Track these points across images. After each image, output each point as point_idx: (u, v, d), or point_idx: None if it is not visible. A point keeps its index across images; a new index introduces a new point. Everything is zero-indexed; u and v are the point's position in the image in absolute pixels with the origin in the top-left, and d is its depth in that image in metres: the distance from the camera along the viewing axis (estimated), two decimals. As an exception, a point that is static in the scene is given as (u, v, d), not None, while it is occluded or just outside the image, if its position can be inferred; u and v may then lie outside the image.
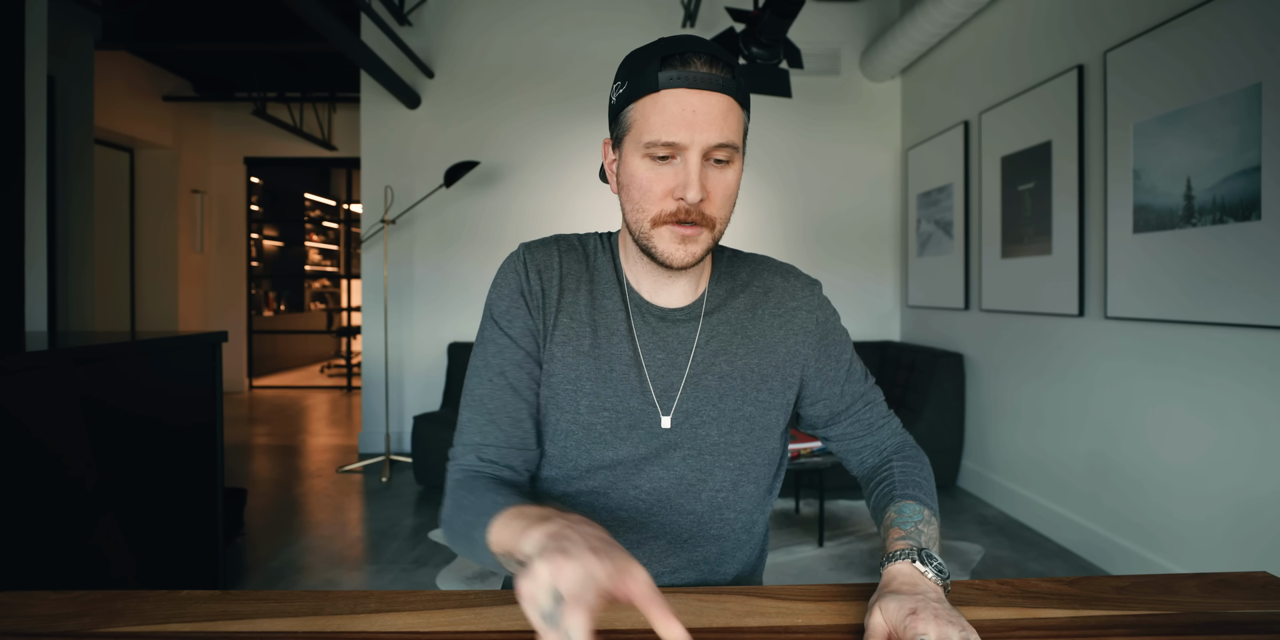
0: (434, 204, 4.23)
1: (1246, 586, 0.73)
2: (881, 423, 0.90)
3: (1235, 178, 1.94)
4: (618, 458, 0.80)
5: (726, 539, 0.83)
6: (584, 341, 0.81)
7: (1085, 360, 2.60)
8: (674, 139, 0.71)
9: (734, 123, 0.73)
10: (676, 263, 0.75)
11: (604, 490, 0.81)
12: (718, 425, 0.81)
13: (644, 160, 0.74)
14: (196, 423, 1.99)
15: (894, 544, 0.71)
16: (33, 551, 1.44)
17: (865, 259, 4.33)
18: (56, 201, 3.56)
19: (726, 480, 0.82)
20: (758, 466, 0.84)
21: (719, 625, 0.65)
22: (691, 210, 0.73)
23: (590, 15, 4.21)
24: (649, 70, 0.73)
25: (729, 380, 0.81)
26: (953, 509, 3.17)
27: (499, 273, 0.84)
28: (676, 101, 0.71)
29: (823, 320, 0.87)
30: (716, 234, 0.76)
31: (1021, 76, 3.01)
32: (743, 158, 0.77)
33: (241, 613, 0.67)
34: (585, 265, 0.85)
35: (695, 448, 0.80)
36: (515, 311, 0.82)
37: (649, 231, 0.75)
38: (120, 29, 4.42)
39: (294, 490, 3.49)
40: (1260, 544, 1.90)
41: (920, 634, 0.58)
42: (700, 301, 0.83)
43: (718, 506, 0.82)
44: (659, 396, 0.80)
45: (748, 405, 0.82)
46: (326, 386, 7.32)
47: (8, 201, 2.42)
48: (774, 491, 0.90)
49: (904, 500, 0.78)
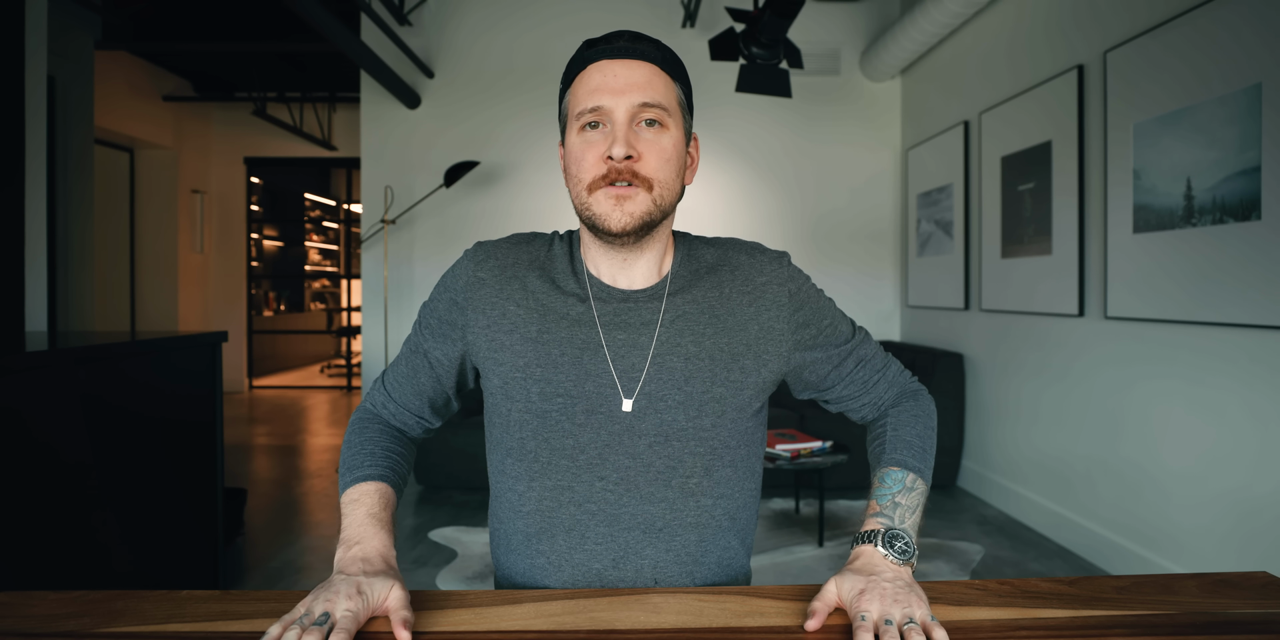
0: (434, 204, 4.23)
1: (1246, 586, 0.73)
2: (876, 379, 0.89)
3: (1235, 178, 1.94)
4: (578, 445, 0.78)
5: (706, 527, 0.81)
6: (531, 327, 0.80)
7: (1085, 360, 2.60)
8: (598, 103, 0.74)
9: (660, 87, 0.75)
10: (615, 225, 0.74)
11: (569, 484, 0.79)
12: (684, 409, 0.78)
13: (578, 134, 0.76)
14: (196, 422, 1.99)
15: (866, 522, 0.77)
16: (33, 551, 1.44)
17: (865, 259, 4.33)
18: (56, 201, 3.56)
19: (698, 466, 0.79)
20: (731, 449, 0.82)
21: (719, 625, 0.65)
22: (623, 170, 0.73)
23: (591, 16, 4.22)
24: (574, 59, 0.78)
25: (696, 361, 0.79)
26: (953, 509, 3.17)
27: (449, 267, 0.87)
28: (599, 71, 0.75)
29: (795, 291, 0.85)
30: (656, 197, 0.75)
31: (1021, 77, 3.01)
32: (684, 124, 0.78)
33: (241, 613, 0.67)
34: (540, 256, 0.85)
35: (661, 433, 0.78)
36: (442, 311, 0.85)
37: (587, 200, 0.76)
38: (120, 29, 4.42)
39: (294, 490, 3.49)
40: (1260, 544, 1.90)
41: (862, 611, 0.64)
42: (663, 282, 0.82)
43: (690, 493, 0.79)
44: (620, 378, 0.78)
45: (717, 386, 0.79)
46: (326, 386, 7.32)
47: (8, 201, 2.42)
48: (755, 474, 0.87)
49: (889, 466, 0.81)
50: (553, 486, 0.80)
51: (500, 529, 0.86)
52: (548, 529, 0.80)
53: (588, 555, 0.79)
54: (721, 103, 4.20)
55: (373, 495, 0.77)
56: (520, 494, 0.82)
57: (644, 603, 0.69)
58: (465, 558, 2.59)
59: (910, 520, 0.77)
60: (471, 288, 0.82)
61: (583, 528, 0.79)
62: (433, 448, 3.37)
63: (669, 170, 0.76)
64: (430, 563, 2.55)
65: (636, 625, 0.65)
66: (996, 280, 3.20)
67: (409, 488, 3.52)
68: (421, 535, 2.84)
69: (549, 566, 0.81)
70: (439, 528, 2.91)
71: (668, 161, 0.75)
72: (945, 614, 0.67)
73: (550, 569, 0.80)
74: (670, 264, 0.84)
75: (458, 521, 3.00)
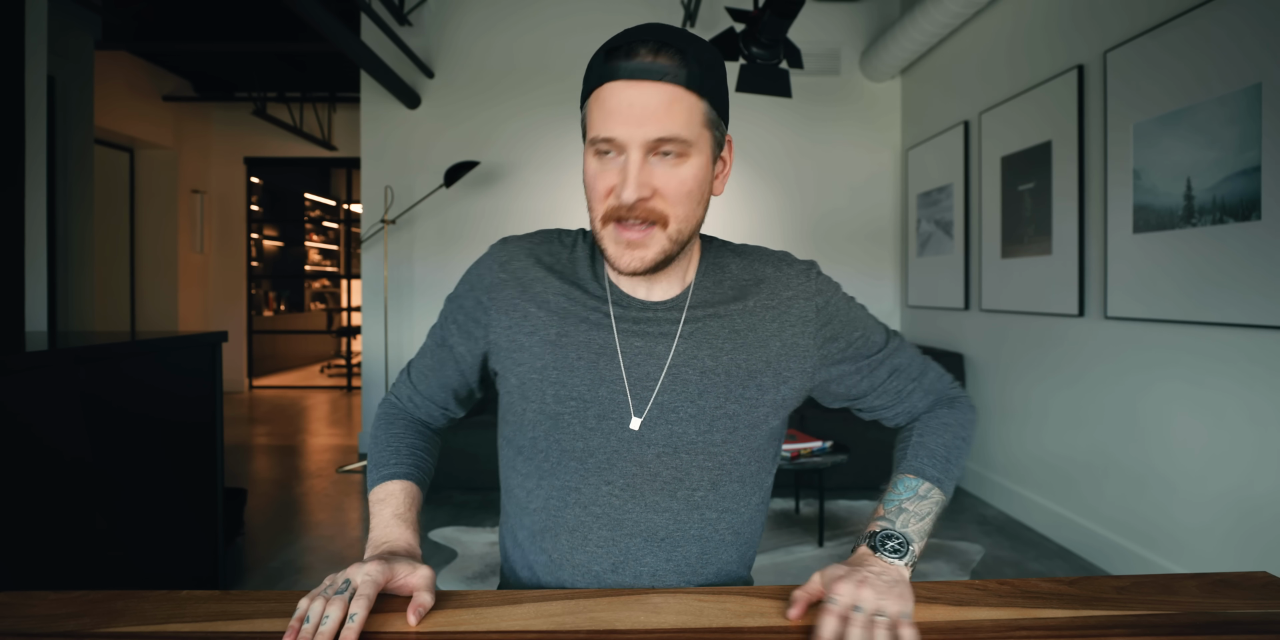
0: (434, 204, 4.23)
1: (1246, 586, 0.73)
2: (910, 388, 0.86)
3: (1235, 178, 1.94)
4: (587, 449, 0.78)
5: (709, 540, 0.80)
6: (550, 330, 0.79)
7: (1085, 360, 2.60)
8: (611, 134, 0.68)
9: (680, 114, 0.68)
10: (624, 268, 0.72)
11: (576, 485, 0.79)
12: (695, 423, 0.77)
13: (593, 157, 0.72)
14: (197, 422, 1.99)
15: (868, 525, 0.77)
16: (33, 551, 1.44)
17: (865, 259, 4.33)
18: (56, 201, 3.57)
19: (704, 479, 0.78)
20: (741, 466, 0.81)
21: (719, 625, 0.65)
22: (636, 209, 0.70)
23: (591, 16, 4.22)
24: (594, 64, 0.71)
25: (711, 376, 0.78)
26: (953, 509, 3.17)
27: (475, 262, 0.86)
28: (614, 95, 0.68)
29: (823, 305, 0.82)
30: (673, 232, 0.72)
31: (1021, 77, 3.01)
32: (710, 144, 0.72)
33: (241, 613, 0.67)
34: (563, 257, 0.83)
35: (670, 444, 0.77)
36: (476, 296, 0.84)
37: (599, 231, 0.73)
38: (120, 29, 4.43)
39: (294, 490, 3.49)
40: (1260, 544, 1.90)
41: (835, 595, 0.64)
42: (685, 294, 0.80)
43: (696, 506, 0.79)
44: (633, 387, 0.77)
45: (731, 403, 0.78)
46: (326, 386, 7.32)
47: (8, 201, 2.42)
48: (764, 489, 0.86)
49: (905, 473, 0.81)
50: (560, 487, 0.80)
51: (507, 524, 0.88)
52: (551, 528, 0.81)
53: (588, 557, 0.80)
54: (721, 103, 4.20)
55: (398, 495, 0.80)
56: (529, 492, 0.82)
57: (644, 603, 0.69)
58: (465, 558, 2.59)
59: (915, 526, 0.75)
60: (495, 288, 0.82)
61: (585, 529, 0.79)
62: (433, 448, 3.37)
63: (688, 203, 0.71)
64: (430, 563, 2.55)
65: (636, 625, 0.65)
66: (996, 280, 3.20)
67: (409, 488, 3.52)
68: (421, 535, 2.84)
69: (550, 564, 0.81)
70: (439, 528, 2.92)
71: (687, 195, 0.71)
72: (945, 614, 0.67)
73: (551, 567, 0.81)
74: (694, 273, 0.81)
75: (458, 521, 3.00)
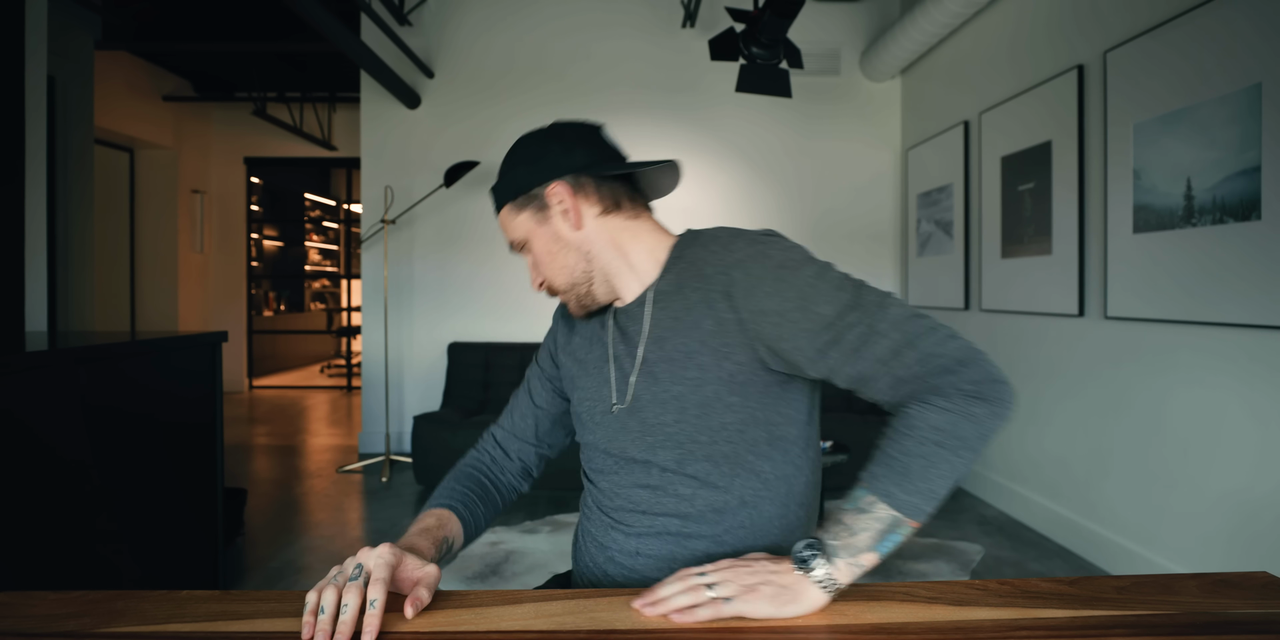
0: (434, 204, 4.23)
1: (1246, 586, 0.73)
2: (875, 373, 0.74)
3: (1235, 178, 1.94)
4: (595, 440, 0.94)
5: (689, 517, 0.85)
6: (576, 347, 0.99)
7: (1085, 360, 2.60)
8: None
9: (510, 224, 0.91)
10: (577, 316, 0.96)
11: (600, 468, 0.94)
12: (653, 407, 0.86)
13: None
14: (196, 422, 1.99)
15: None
16: (33, 551, 1.44)
17: (865, 259, 4.33)
18: (56, 201, 3.57)
19: (670, 458, 0.85)
20: (702, 445, 0.83)
21: (718, 625, 0.65)
22: (543, 289, 0.95)
23: (591, 16, 4.21)
24: None
25: (662, 363, 0.86)
26: (953, 509, 3.17)
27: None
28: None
29: (741, 277, 0.78)
30: (567, 285, 0.91)
31: (1021, 76, 3.01)
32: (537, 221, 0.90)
33: (241, 613, 0.67)
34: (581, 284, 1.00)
35: (641, 428, 0.87)
36: (549, 339, 1.06)
37: None
38: (120, 29, 4.43)
39: (294, 490, 3.49)
40: (1260, 544, 1.90)
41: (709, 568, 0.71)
42: (646, 293, 0.89)
43: (669, 481, 0.86)
44: (619, 383, 0.91)
45: (676, 385, 0.84)
46: (326, 386, 7.32)
47: (8, 201, 2.42)
48: (760, 474, 0.83)
49: (858, 483, 0.73)
50: (593, 471, 0.95)
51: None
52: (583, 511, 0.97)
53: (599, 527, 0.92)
54: (721, 103, 4.20)
55: (430, 517, 0.89)
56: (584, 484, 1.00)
57: (644, 603, 0.69)
58: (465, 558, 2.59)
59: (845, 540, 0.70)
60: (553, 335, 1.05)
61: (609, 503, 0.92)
62: (432, 448, 3.37)
63: (553, 266, 0.90)
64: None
65: (636, 625, 0.65)
66: (996, 280, 3.20)
67: (411, 488, 3.52)
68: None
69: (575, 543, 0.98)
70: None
71: (551, 261, 0.90)
72: (945, 614, 0.67)
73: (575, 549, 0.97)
74: (659, 270, 0.90)
75: (458, 521, 3.00)
